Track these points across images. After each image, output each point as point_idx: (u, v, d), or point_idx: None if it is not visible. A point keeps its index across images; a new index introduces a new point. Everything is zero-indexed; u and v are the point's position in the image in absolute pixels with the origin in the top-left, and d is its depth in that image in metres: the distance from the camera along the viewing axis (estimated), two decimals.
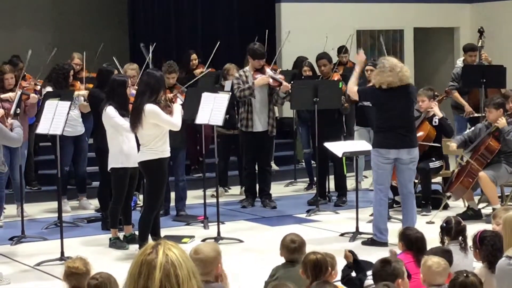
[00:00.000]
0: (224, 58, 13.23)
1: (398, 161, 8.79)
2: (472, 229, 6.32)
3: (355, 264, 5.87)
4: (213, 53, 12.20)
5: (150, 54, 11.34)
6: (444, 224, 6.30)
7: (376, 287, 4.57)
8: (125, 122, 8.64)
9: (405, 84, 8.72)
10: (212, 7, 15.33)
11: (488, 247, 5.53)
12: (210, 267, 4.95)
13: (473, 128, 10.42)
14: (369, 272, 5.54)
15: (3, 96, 10.18)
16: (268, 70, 10.95)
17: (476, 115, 12.04)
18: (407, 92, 8.77)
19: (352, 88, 9.16)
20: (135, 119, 8.25)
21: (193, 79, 11.31)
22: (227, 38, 15.03)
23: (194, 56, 13.01)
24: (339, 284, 5.65)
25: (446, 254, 5.61)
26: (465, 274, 4.91)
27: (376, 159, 8.82)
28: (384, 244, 8.67)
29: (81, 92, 10.63)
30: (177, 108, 8.64)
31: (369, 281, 5.58)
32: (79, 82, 10.94)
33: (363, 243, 8.94)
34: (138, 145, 8.62)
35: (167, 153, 8.44)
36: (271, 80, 10.84)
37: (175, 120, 8.41)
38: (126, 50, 15.14)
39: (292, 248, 5.93)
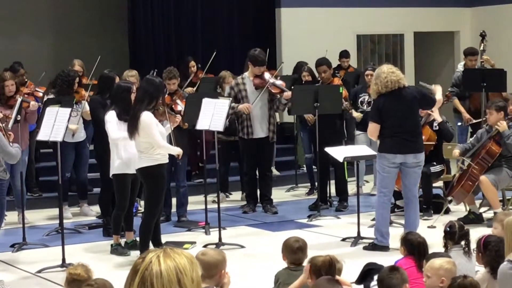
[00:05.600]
0: (224, 64, 13.21)
1: (403, 165, 8.76)
2: (474, 233, 6.32)
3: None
4: (209, 61, 12.09)
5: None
6: (448, 229, 6.30)
7: None
8: (113, 131, 8.57)
9: (398, 88, 8.64)
10: (212, 13, 15.33)
11: (492, 253, 5.51)
12: (214, 270, 4.96)
13: (475, 135, 10.38)
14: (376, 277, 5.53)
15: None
16: (267, 76, 10.91)
17: (475, 121, 12.02)
18: (401, 95, 8.69)
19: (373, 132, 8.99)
20: (132, 126, 8.23)
21: (192, 86, 11.21)
22: (227, 44, 15.04)
23: (192, 63, 13.00)
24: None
25: None
26: (463, 276, 4.91)
27: (381, 163, 8.78)
28: (386, 248, 8.66)
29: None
30: (165, 129, 8.58)
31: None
32: (84, 89, 10.85)
33: (365, 248, 8.92)
34: None
35: (165, 159, 8.41)
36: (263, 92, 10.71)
37: (162, 143, 8.31)
38: (126, 57, 15.14)
39: (295, 248, 5.90)
